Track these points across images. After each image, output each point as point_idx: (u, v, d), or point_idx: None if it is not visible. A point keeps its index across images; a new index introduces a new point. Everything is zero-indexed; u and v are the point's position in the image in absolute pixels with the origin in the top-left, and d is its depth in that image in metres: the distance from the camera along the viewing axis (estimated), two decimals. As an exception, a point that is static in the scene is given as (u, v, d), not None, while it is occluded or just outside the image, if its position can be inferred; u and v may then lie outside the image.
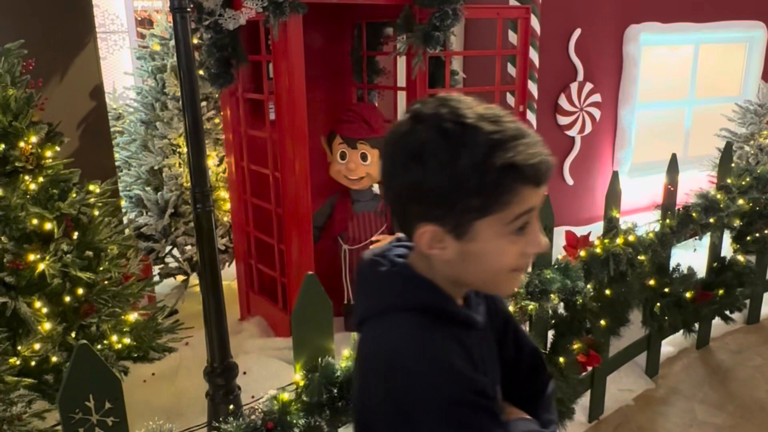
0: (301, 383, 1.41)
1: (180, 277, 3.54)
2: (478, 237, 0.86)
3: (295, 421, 1.38)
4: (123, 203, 3.44)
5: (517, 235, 0.87)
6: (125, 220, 3.37)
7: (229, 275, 3.57)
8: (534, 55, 4.11)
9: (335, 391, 1.39)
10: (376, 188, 3.23)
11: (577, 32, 4.42)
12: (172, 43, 3.22)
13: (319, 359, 1.41)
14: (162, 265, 3.48)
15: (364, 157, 3.03)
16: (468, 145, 0.82)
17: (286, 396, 1.40)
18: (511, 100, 3.54)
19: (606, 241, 2.50)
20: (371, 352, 0.92)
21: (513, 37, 3.61)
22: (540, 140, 0.87)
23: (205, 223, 1.99)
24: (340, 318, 3.29)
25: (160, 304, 3.05)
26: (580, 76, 4.53)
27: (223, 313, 2.07)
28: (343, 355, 1.48)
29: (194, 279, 3.51)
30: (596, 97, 4.60)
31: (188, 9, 1.82)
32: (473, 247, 0.87)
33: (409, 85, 3.07)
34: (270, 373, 2.68)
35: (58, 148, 2.16)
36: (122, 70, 5.68)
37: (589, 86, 4.55)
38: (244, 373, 2.65)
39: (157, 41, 3.42)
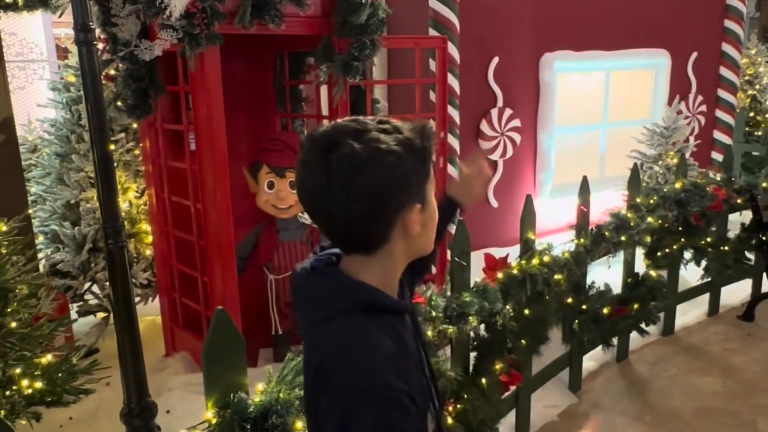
0: (214, 421, 1.39)
1: (100, 314, 3.42)
2: (427, 198, 1.00)
3: (208, 460, 1.36)
4: (39, 239, 3.30)
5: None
6: (41, 255, 3.24)
7: (153, 310, 3.47)
8: (454, 83, 4.23)
9: (248, 427, 1.38)
10: (306, 217, 3.23)
11: (495, 60, 4.59)
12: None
13: (231, 395, 1.39)
14: (81, 303, 3.34)
15: (292, 186, 3.04)
16: (402, 131, 0.96)
17: (198, 435, 1.37)
18: (433, 126, 3.63)
19: (522, 262, 2.59)
20: (324, 355, 0.94)
21: (433, 65, 3.72)
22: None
23: (118, 260, 1.95)
24: (269, 349, 3.26)
25: (78, 343, 2.93)
26: (500, 102, 4.69)
27: (140, 351, 2.01)
28: (257, 389, 1.47)
29: (116, 315, 3.39)
30: (516, 122, 4.77)
31: (94, 42, 1.79)
32: (429, 210, 1.01)
33: (332, 114, 3.10)
34: (194, 410, 2.59)
35: (-41, 186, 2.07)
36: (40, 100, 5.49)
37: (509, 112, 4.72)
38: (168, 411, 2.58)
39: (71, 72, 3.33)
